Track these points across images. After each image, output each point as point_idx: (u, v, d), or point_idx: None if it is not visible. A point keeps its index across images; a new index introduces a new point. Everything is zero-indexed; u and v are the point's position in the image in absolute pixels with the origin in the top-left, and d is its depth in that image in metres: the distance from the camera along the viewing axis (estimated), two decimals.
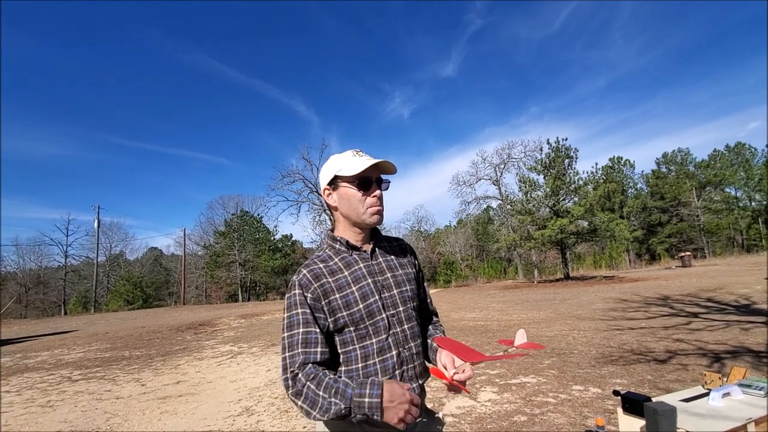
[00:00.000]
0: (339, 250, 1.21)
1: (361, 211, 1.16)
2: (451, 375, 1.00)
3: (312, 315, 1.09)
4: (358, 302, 1.12)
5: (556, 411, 3.54)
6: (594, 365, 4.92)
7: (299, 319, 1.08)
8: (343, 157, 1.19)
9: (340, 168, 1.17)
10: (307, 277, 1.13)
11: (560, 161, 21.08)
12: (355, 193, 1.15)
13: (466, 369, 1.00)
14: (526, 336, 1.04)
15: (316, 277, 1.13)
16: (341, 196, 1.18)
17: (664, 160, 42.64)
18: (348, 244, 1.20)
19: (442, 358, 1.09)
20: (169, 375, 6.33)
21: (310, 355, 1.05)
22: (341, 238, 1.21)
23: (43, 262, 38.15)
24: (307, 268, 1.15)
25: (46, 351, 9.73)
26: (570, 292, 15.23)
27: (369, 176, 1.16)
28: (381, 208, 1.19)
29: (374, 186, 1.17)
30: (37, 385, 6.14)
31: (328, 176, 1.20)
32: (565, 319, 8.84)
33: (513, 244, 23.50)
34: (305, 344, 1.05)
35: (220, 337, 10.32)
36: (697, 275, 16.55)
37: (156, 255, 49.12)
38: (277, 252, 39.48)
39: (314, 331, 1.08)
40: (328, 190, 1.22)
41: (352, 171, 1.13)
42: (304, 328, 1.07)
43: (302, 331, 1.07)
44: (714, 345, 5.38)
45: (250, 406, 4.45)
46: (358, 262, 1.19)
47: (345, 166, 1.16)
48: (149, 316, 19.56)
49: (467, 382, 1.03)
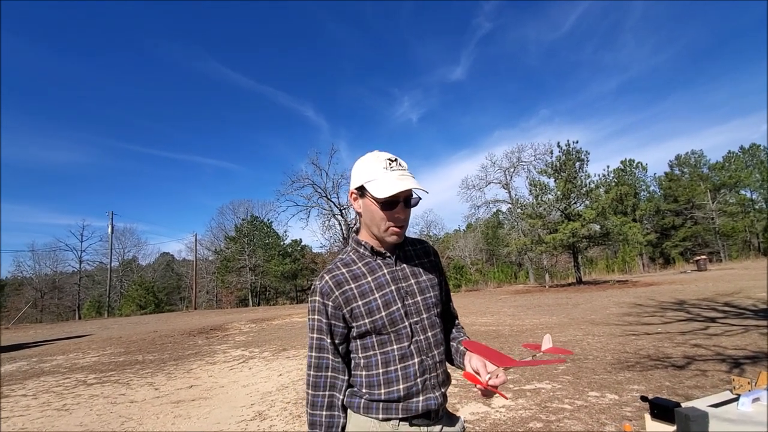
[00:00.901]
0: (363, 255, 1.19)
1: (382, 228, 1.12)
2: (487, 380, 0.98)
3: (328, 324, 1.14)
4: (381, 310, 1.10)
5: (572, 417, 3.48)
6: (610, 371, 4.83)
7: (315, 326, 1.15)
8: (375, 165, 1.11)
9: (369, 179, 1.10)
10: (329, 284, 1.12)
11: (571, 164, 20.88)
12: (378, 211, 1.10)
13: (500, 374, 0.98)
14: (551, 341, 1.01)
15: (338, 284, 1.13)
16: (365, 207, 1.14)
17: (677, 162, 41.98)
18: (372, 250, 1.18)
19: (472, 362, 1.06)
20: (182, 379, 6.37)
21: (322, 359, 1.14)
22: (366, 243, 1.19)
23: (59, 267, 38.98)
24: (330, 274, 1.14)
25: (62, 355, 9.87)
26: (583, 296, 15.02)
27: (395, 196, 1.08)
28: (402, 229, 1.14)
29: (400, 206, 1.10)
30: (53, 389, 6.22)
31: (356, 181, 1.14)
32: (578, 324, 8.71)
33: (524, 248, 23.30)
34: (320, 349, 1.15)
35: (232, 342, 10.37)
36: (713, 279, 16.22)
37: (168, 260, 49.70)
38: (286, 257, 39.65)
39: (326, 340, 1.14)
40: (355, 195, 1.17)
41: (379, 192, 1.06)
42: (318, 334, 1.15)
43: (317, 337, 1.15)
44: (733, 350, 5.25)
45: (262, 411, 4.45)
46: (382, 267, 1.17)
47: (374, 180, 1.09)
48: (161, 321, 19.75)
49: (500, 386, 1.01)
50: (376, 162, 1.12)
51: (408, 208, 1.14)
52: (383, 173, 1.09)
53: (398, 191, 1.05)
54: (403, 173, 1.10)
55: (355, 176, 1.15)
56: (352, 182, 1.16)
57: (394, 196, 1.06)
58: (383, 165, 1.10)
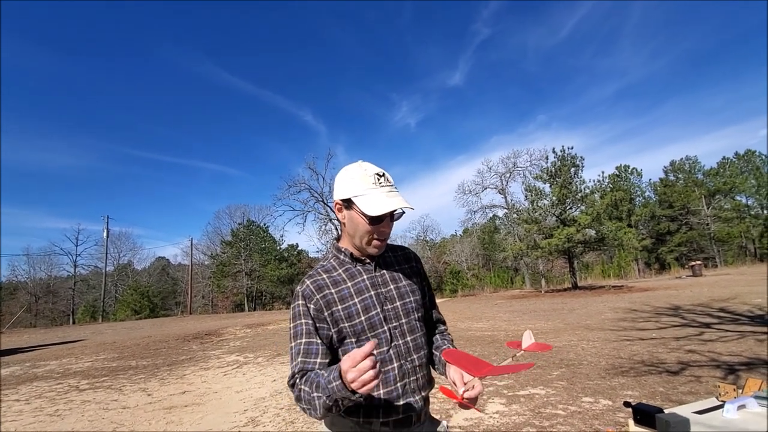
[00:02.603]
0: (343, 261, 1.21)
1: (365, 240, 1.14)
2: (461, 394, 0.99)
3: (314, 326, 1.11)
4: (360, 314, 1.12)
5: (565, 423, 3.48)
6: (604, 376, 4.83)
7: (302, 330, 1.11)
8: (363, 180, 1.11)
9: (357, 194, 1.10)
10: (310, 288, 1.14)
11: (566, 170, 20.99)
12: (365, 225, 1.11)
13: (476, 385, 0.98)
14: (533, 336, 1.02)
15: (318, 288, 1.14)
16: (350, 219, 1.14)
17: (672, 168, 42.30)
18: (352, 257, 1.20)
19: (450, 373, 1.08)
20: (175, 385, 6.32)
21: (308, 364, 1.06)
22: (346, 249, 1.21)
23: (53, 271, 38.58)
24: (311, 279, 1.16)
25: (55, 360, 9.78)
26: (578, 301, 15.04)
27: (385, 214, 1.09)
28: (384, 242, 1.17)
29: (386, 221, 1.13)
30: (45, 394, 6.16)
31: (342, 193, 1.13)
32: (573, 329, 8.72)
33: (520, 254, 23.32)
34: (306, 354, 1.08)
35: (226, 347, 10.31)
36: (708, 285, 16.29)
37: (163, 264, 49.46)
38: (283, 261, 39.55)
39: (315, 342, 1.09)
40: (339, 206, 1.16)
41: (370, 210, 1.07)
42: (306, 338, 1.10)
43: (304, 342, 1.09)
44: (728, 356, 5.27)
45: (255, 417, 4.43)
46: (362, 273, 1.19)
47: (363, 195, 1.09)
48: (156, 326, 19.62)
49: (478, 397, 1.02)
50: (364, 176, 1.11)
51: (392, 222, 1.16)
52: (372, 189, 1.09)
53: (389, 210, 1.06)
54: (391, 190, 1.12)
55: (341, 188, 1.14)
56: (338, 192, 1.16)
57: (384, 214, 1.07)
58: (372, 180, 1.10)
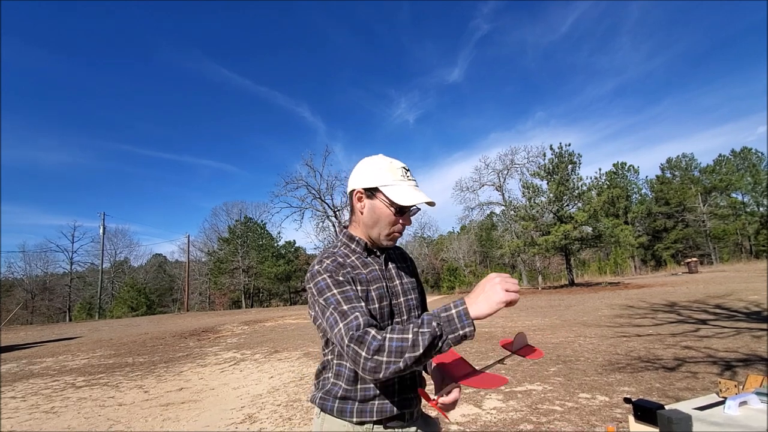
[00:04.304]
0: (355, 250, 1.18)
1: (384, 232, 1.14)
2: (436, 398, 0.96)
3: (353, 290, 1.03)
4: (375, 302, 1.09)
5: (563, 419, 3.48)
6: (601, 373, 4.84)
7: (339, 299, 0.99)
8: (391, 171, 1.12)
9: (386, 183, 1.10)
10: (331, 265, 1.08)
11: (563, 167, 21.03)
12: (390, 215, 1.11)
13: (453, 391, 0.96)
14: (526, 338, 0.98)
15: (340, 265, 1.09)
16: (373, 209, 1.13)
17: (669, 165, 42.44)
18: (366, 247, 1.18)
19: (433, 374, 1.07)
20: (172, 382, 6.30)
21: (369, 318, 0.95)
22: (360, 239, 1.18)
23: (49, 268, 38.50)
24: (329, 258, 1.10)
25: (51, 357, 9.73)
26: (575, 298, 15.10)
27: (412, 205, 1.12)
28: (400, 236, 1.18)
29: (408, 214, 1.14)
30: (41, 391, 6.12)
31: (367, 181, 1.13)
32: (570, 325, 8.74)
33: (517, 250, 23.39)
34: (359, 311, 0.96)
35: (223, 344, 10.29)
36: (704, 281, 16.37)
37: (160, 261, 49.29)
38: (280, 258, 39.51)
39: (358, 306, 0.98)
40: (361, 194, 1.15)
41: (401, 199, 1.08)
42: (347, 304, 0.98)
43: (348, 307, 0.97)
44: (724, 352, 5.29)
45: (252, 414, 4.41)
46: (374, 264, 1.17)
47: (392, 185, 1.10)
48: (153, 323, 19.57)
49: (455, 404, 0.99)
50: (391, 167, 1.13)
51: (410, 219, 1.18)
52: (400, 181, 1.11)
53: (419, 202, 1.08)
54: (417, 185, 1.15)
55: (366, 176, 1.13)
56: (361, 181, 1.13)
57: (413, 205, 1.10)
58: (400, 173, 1.13)
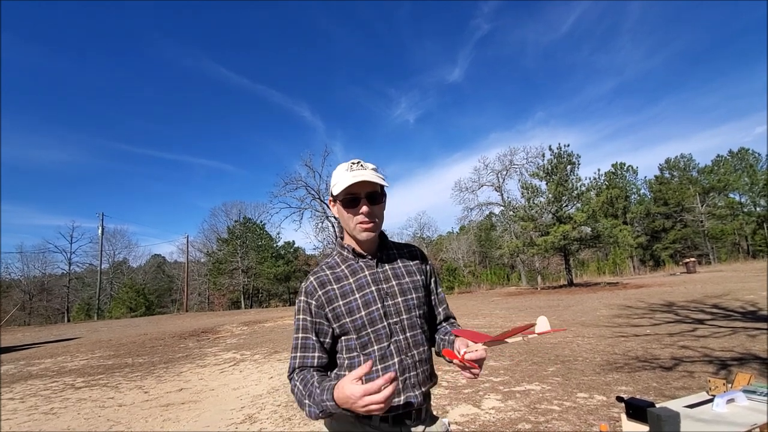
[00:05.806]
0: (346, 257, 1.24)
1: (351, 227, 1.18)
2: (463, 354, 1.00)
3: (311, 322, 1.16)
4: (360, 309, 1.15)
5: (560, 419, 3.51)
6: (599, 372, 4.88)
7: (300, 325, 1.18)
8: (338, 171, 1.19)
9: (334, 183, 1.18)
10: (313, 284, 1.18)
11: (562, 167, 21.07)
12: (343, 211, 1.18)
13: (479, 349, 0.99)
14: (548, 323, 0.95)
15: (321, 284, 1.18)
16: (339, 213, 1.21)
17: (667, 165, 42.52)
18: (354, 252, 1.23)
19: (456, 344, 1.10)
20: (171, 382, 6.32)
21: (306, 359, 1.15)
22: (348, 245, 1.24)
23: (47, 269, 38.35)
24: (315, 276, 1.20)
25: (50, 358, 9.74)
26: (574, 298, 15.14)
27: (355, 193, 1.15)
28: (371, 224, 1.17)
29: (362, 202, 1.15)
30: (40, 393, 6.14)
31: (332, 190, 1.20)
32: (569, 325, 8.78)
33: (516, 251, 23.41)
34: (303, 348, 1.16)
35: (223, 345, 10.30)
36: (702, 281, 16.43)
37: (159, 262, 49.22)
38: (279, 259, 39.50)
39: (311, 338, 1.16)
40: (332, 203, 1.24)
41: (337, 191, 1.14)
42: (303, 333, 1.17)
43: (302, 336, 1.17)
44: (720, 352, 5.33)
45: (252, 414, 4.44)
46: (364, 269, 1.21)
47: (337, 182, 1.16)
48: (152, 324, 19.57)
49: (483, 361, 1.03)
50: (341, 168, 1.19)
51: (374, 205, 1.17)
52: (344, 175, 1.15)
53: (348, 184, 1.11)
54: (362, 173, 1.14)
55: (331, 186, 1.21)
56: (331, 192, 1.22)
57: (348, 191, 1.13)
58: (344, 169, 1.17)
